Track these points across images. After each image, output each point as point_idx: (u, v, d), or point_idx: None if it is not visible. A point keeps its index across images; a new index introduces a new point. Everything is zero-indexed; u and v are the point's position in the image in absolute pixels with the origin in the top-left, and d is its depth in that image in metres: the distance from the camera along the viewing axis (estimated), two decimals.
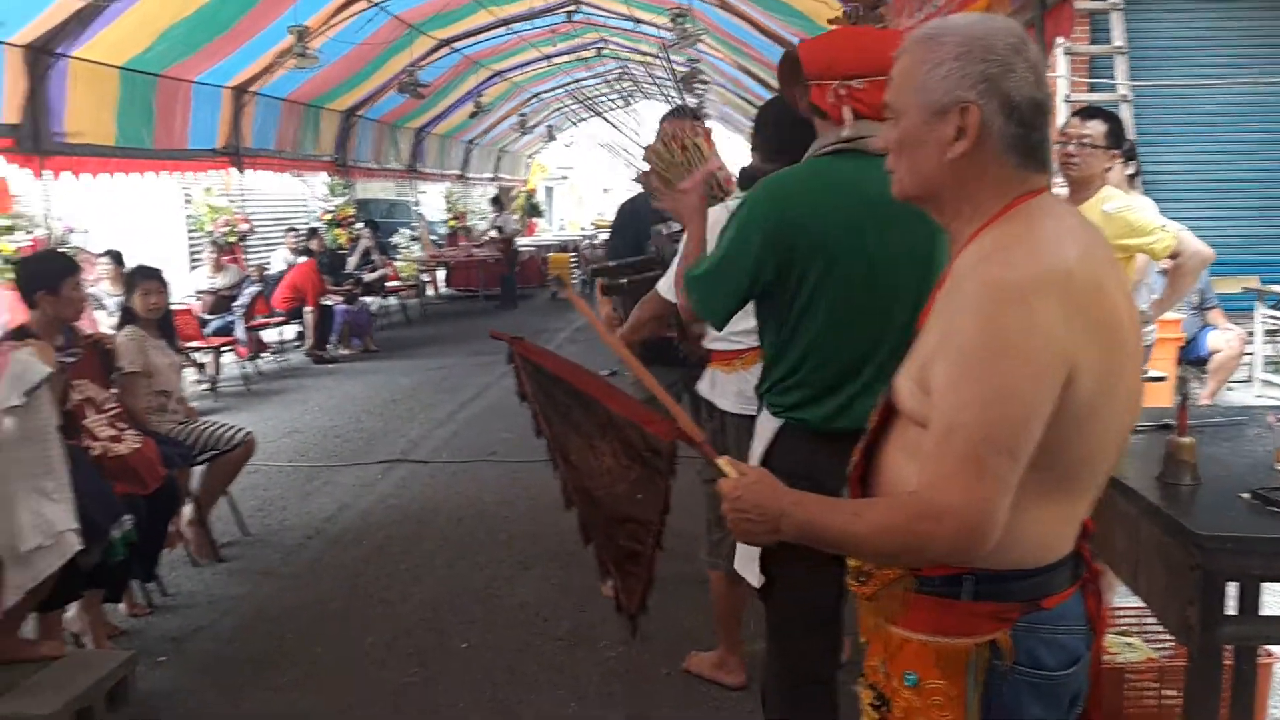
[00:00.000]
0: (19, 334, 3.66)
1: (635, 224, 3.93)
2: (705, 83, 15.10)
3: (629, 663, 3.54)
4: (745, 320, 3.02)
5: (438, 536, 4.97)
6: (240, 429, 4.71)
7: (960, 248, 1.36)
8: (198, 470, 4.61)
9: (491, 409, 7.95)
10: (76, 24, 6.65)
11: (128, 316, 4.62)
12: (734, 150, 14.01)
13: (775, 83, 2.60)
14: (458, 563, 4.59)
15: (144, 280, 4.62)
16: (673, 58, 14.41)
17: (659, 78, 4.24)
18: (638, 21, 12.71)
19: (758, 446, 2.28)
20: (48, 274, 3.81)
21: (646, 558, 2.24)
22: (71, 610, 3.61)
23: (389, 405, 8.30)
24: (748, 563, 2.33)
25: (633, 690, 3.39)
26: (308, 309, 10.26)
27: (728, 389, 3.11)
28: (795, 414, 2.19)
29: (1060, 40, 5.63)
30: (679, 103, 3.51)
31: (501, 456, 6.43)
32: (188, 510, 4.54)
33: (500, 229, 16.17)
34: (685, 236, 2.42)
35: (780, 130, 2.59)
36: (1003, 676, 1.32)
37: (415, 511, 5.39)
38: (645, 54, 15.06)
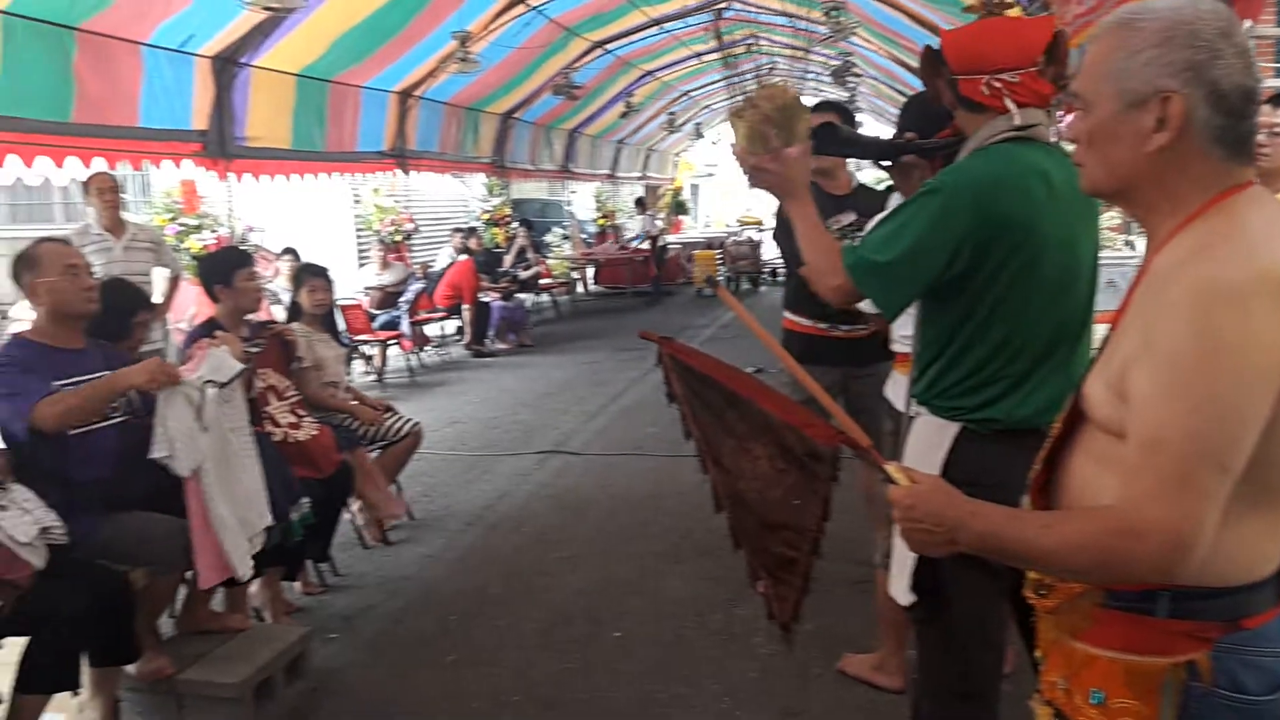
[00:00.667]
0: (208, 326, 3.93)
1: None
2: (857, 76, 14.81)
3: (783, 661, 3.52)
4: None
5: (591, 527, 5.07)
6: (409, 419, 4.93)
7: (1158, 245, 1.29)
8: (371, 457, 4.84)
9: (639, 404, 8.04)
10: (258, 35, 7.06)
11: (295, 312, 4.89)
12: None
13: None
14: (611, 554, 4.67)
15: (311, 278, 4.88)
16: (824, 51, 14.23)
17: (809, 71, 4.16)
18: (789, 16, 12.58)
19: (934, 455, 2.13)
20: (221, 268, 4.06)
21: (802, 565, 2.18)
22: (254, 586, 3.87)
23: (543, 398, 8.51)
24: (895, 578, 2.23)
25: (786, 688, 3.37)
26: (465, 305, 10.64)
27: (903, 390, 3.05)
28: (981, 414, 2.06)
29: (1247, 23, 5.27)
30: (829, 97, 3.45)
31: (649, 451, 6.49)
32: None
33: (645, 232, 16.21)
34: (796, 215, 2.17)
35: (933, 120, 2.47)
36: (1200, 700, 1.24)
37: (570, 502, 5.52)
38: (795, 49, 14.90)
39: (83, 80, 5.76)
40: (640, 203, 17.28)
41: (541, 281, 13.71)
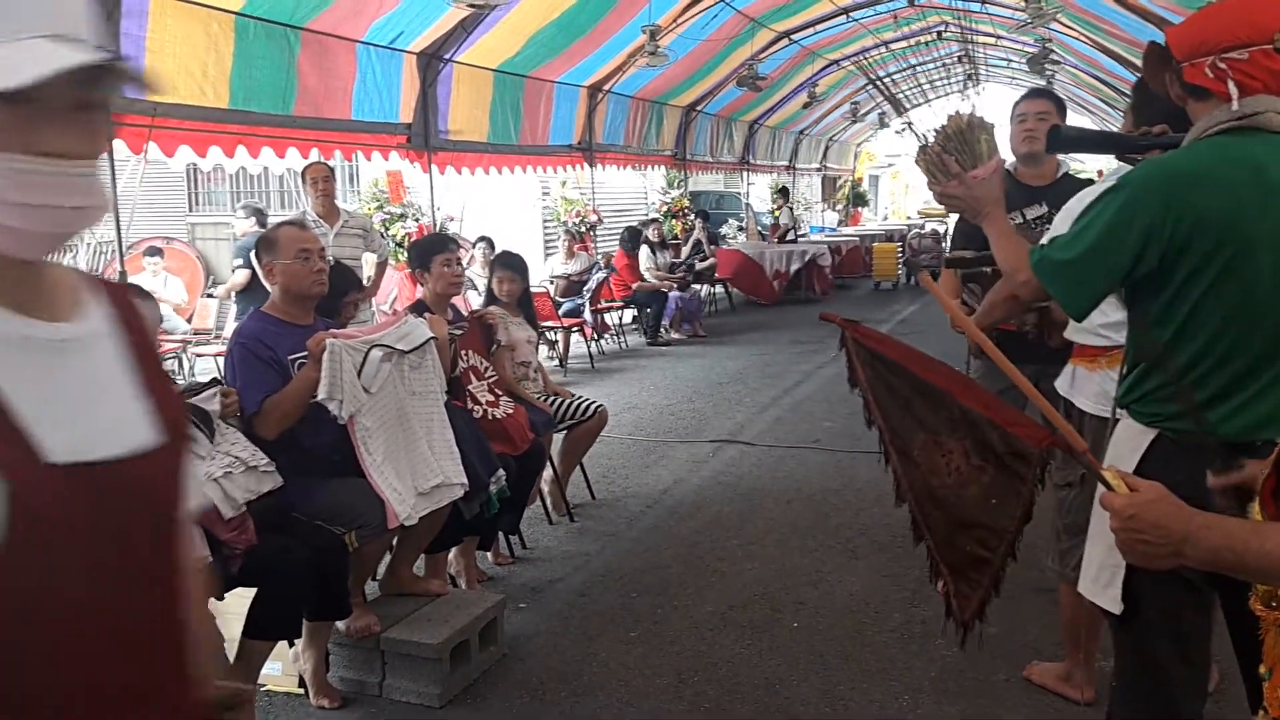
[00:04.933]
0: (416, 308, 4.19)
1: None
2: (1056, 63, 14.13)
3: (965, 663, 3.46)
4: (1114, 313, 2.84)
5: (767, 517, 5.10)
6: (595, 402, 5.09)
7: None
8: (557, 437, 5.04)
9: (813, 397, 7.99)
10: (461, 32, 7.42)
11: (490, 298, 5.13)
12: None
13: (1138, 61, 2.33)
14: (787, 545, 4.69)
15: (502, 268, 5.09)
16: (1019, 38, 13.65)
17: (1002, 59, 4.01)
18: (984, 2, 12.14)
19: (1127, 462, 2.02)
20: (422, 253, 4.30)
21: (994, 567, 2.11)
22: (450, 554, 4.10)
23: (717, 388, 8.58)
24: (1102, 588, 2.12)
25: (968, 691, 3.31)
26: (631, 285, 10.89)
27: (1088, 387, 2.94)
28: (1179, 423, 1.95)
29: None
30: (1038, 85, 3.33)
31: (824, 445, 6.46)
32: (547, 472, 4.98)
33: (779, 222, 15.55)
34: (988, 230, 2.18)
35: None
36: None
37: (744, 491, 5.56)
38: (988, 35, 14.35)
39: (304, 76, 6.22)
40: (784, 192, 16.34)
41: (717, 273, 13.77)
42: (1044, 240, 2.13)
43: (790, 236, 15.45)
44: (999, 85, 21.70)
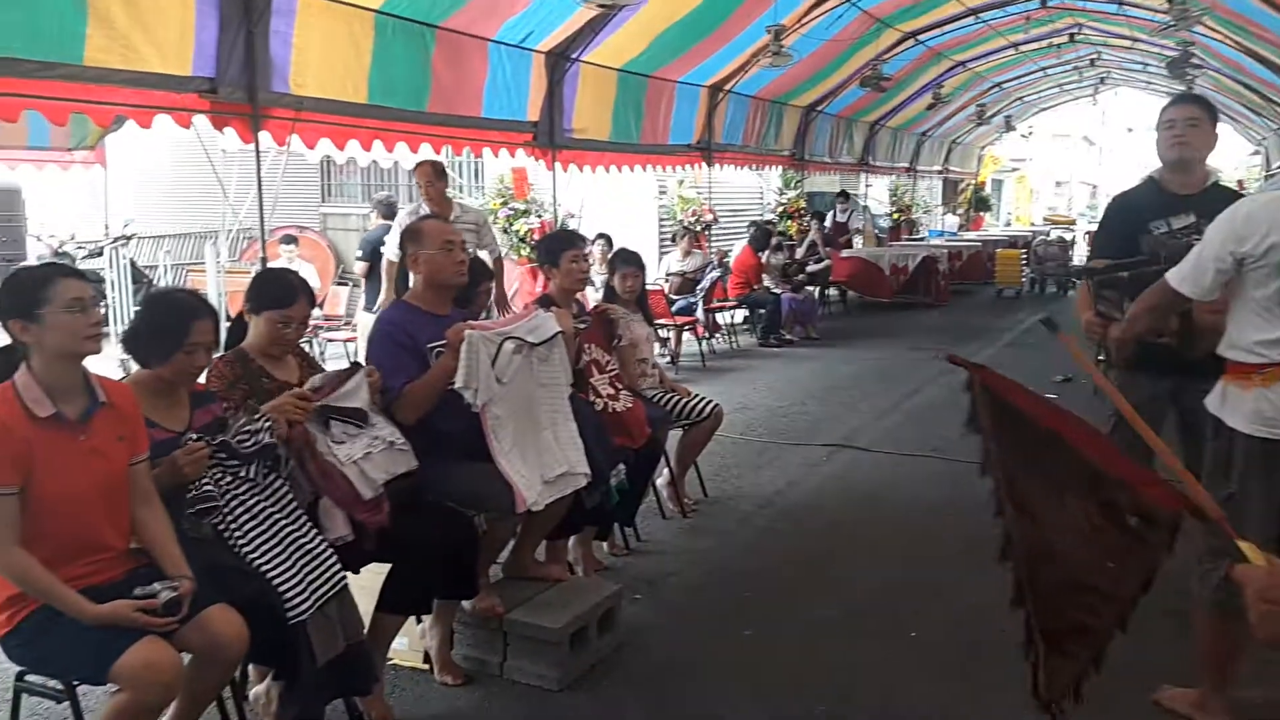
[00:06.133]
0: (543, 302, 4.29)
1: (1127, 220, 3.67)
2: (1197, 67, 13.50)
3: (1090, 685, 3.36)
4: (1269, 329, 2.73)
5: (884, 524, 5.04)
6: (710, 401, 5.11)
7: None
8: (673, 434, 5.08)
9: (931, 406, 7.85)
10: (589, 31, 7.53)
11: (610, 294, 5.20)
12: (1223, 141, 12.34)
13: None
14: (906, 553, 4.63)
15: (623, 265, 5.15)
16: (1157, 41, 13.08)
17: (1139, 63, 3.86)
18: (1121, 4, 11.68)
19: None
20: (552, 249, 4.41)
21: (1098, 638, 2.01)
22: (570, 541, 4.19)
23: (830, 391, 8.51)
24: None
25: (1095, 712, 3.21)
26: (755, 287, 10.83)
27: (1241, 406, 2.82)
28: None
29: None
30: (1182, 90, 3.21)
31: (943, 455, 6.33)
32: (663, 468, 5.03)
33: (845, 225, 14.89)
34: None
35: None
36: None
37: (860, 497, 5.51)
38: (1124, 38, 13.80)
39: (438, 73, 6.41)
40: (844, 195, 15.31)
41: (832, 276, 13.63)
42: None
43: (854, 239, 15.11)
44: (1133, 90, 20.87)
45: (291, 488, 2.91)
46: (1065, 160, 39.33)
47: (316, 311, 9.75)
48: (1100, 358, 3.60)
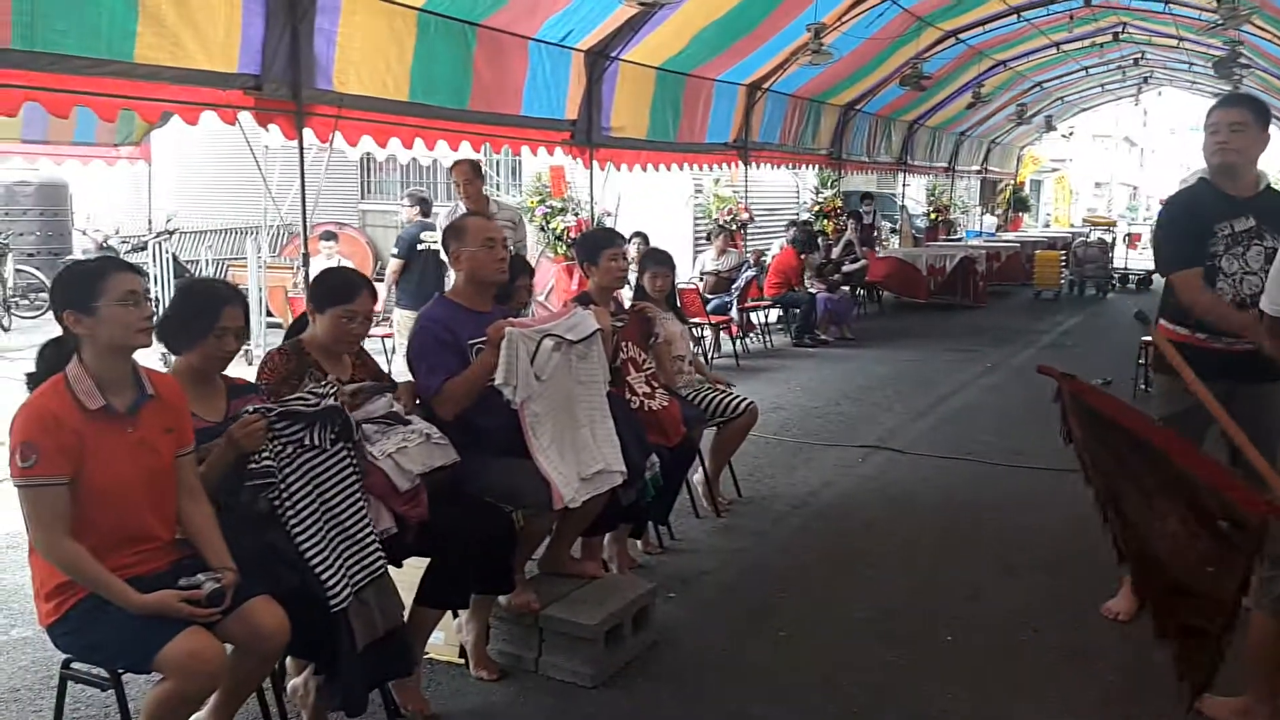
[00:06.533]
0: (581, 299, 4.30)
1: (1193, 221, 3.58)
2: (1245, 67, 13.27)
3: (1130, 690, 3.33)
4: None
5: (920, 526, 5.02)
6: (745, 399, 5.10)
7: None
8: (708, 432, 5.08)
9: (969, 408, 7.80)
10: (628, 30, 7.54)
11: (640, 293, 5.20)
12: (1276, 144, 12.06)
13: None
14: (941, 556, 4.60)
15: (654, 265, 5.15)
16: (1203, 40, 12.87)
17: (1184, 62, 3.79)
18: (1168, 2, 11.50)
19: None
20: (591, 247, 4.42)
21: (1213, 639, 1.99)
22: (605, 538, 4.20)
23: (865, 391, 8.46)
24: None
25: (1134, 718, 3.19)
26: (795, 288, 10.80)
27: None
28: None
29: None
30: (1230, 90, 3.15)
31: (980, 457, 6.29)
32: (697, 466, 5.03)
33: (872, 226, 14.61)
34: None
35: None
36: None
37: (896, 498, 5.48)
38: (1169, 37, 13.58)
39: (479, 72, 6.45)
40: (869, 196, 15.04)
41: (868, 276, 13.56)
42: None
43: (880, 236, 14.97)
44: (1178, 90, 20.54)
45: (358, 458, 2.90)
46: (1106, 161, 38.86)
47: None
48: (1140, 361, 3.55)
